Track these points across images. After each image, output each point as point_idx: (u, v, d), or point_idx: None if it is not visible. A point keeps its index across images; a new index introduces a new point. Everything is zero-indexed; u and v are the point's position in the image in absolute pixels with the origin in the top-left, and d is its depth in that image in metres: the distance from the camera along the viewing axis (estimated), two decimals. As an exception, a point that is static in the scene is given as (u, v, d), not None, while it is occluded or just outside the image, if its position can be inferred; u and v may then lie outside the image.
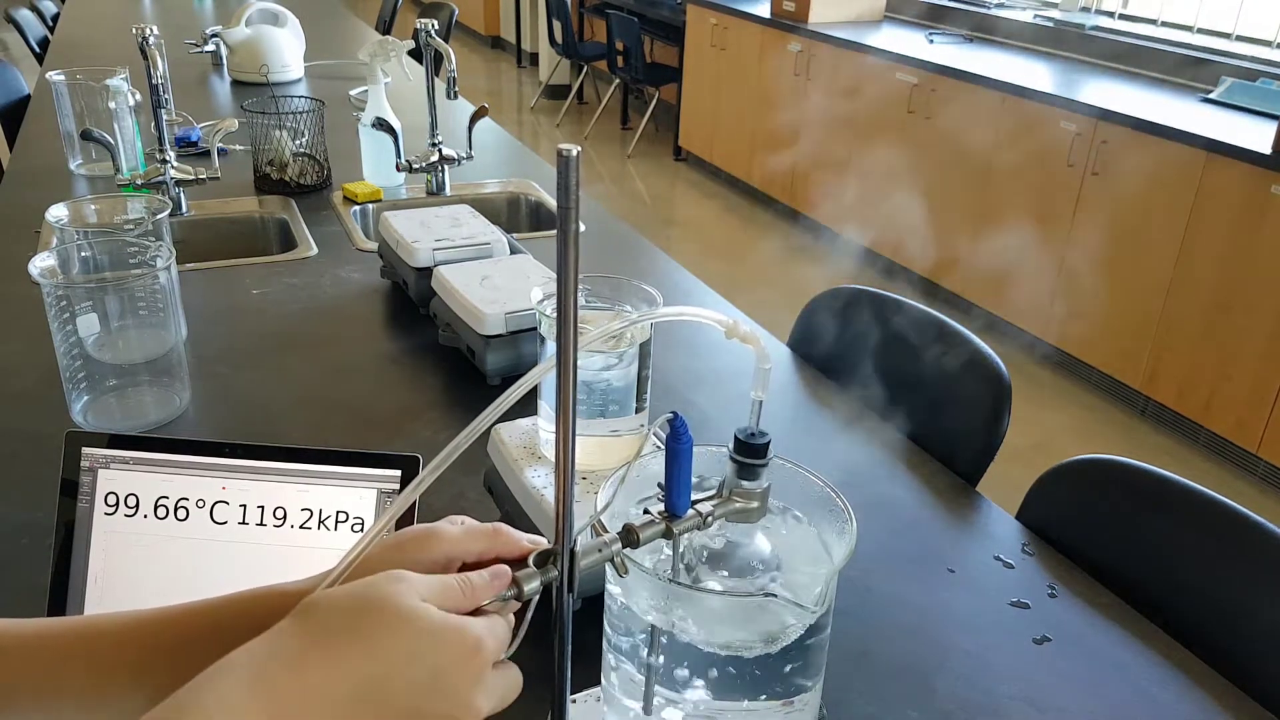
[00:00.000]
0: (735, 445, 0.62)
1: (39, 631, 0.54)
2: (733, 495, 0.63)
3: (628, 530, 0.59)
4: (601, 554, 0.58)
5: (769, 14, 4.58)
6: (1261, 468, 2.80)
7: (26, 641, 0.54)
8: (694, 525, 0.61)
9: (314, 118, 1.89)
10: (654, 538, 0.60)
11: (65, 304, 1.08)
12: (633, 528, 0.59)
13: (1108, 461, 1.05)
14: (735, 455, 0.62)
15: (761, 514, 0.63)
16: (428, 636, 0.47)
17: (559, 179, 0.47)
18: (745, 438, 0.61)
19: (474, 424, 0.52)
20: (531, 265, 1.36)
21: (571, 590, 0.55)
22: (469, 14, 8.31)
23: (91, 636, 0.54)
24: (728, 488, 0.63)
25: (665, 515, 0.60)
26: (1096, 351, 3.22)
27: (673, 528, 0.60)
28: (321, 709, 0.45)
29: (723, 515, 0.62)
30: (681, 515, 0.60)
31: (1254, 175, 2.65)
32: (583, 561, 0.56)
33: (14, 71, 2.85)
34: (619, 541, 0.58)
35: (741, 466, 0.62)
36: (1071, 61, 3.83)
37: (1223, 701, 0.84)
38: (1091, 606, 0.94)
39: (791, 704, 0.63)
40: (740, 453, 0.62)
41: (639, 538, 0.59)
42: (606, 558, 0.58)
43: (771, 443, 0.62)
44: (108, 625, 0.54)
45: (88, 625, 0.54)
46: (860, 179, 4.13)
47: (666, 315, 0.62)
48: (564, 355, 0.51)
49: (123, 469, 0.82)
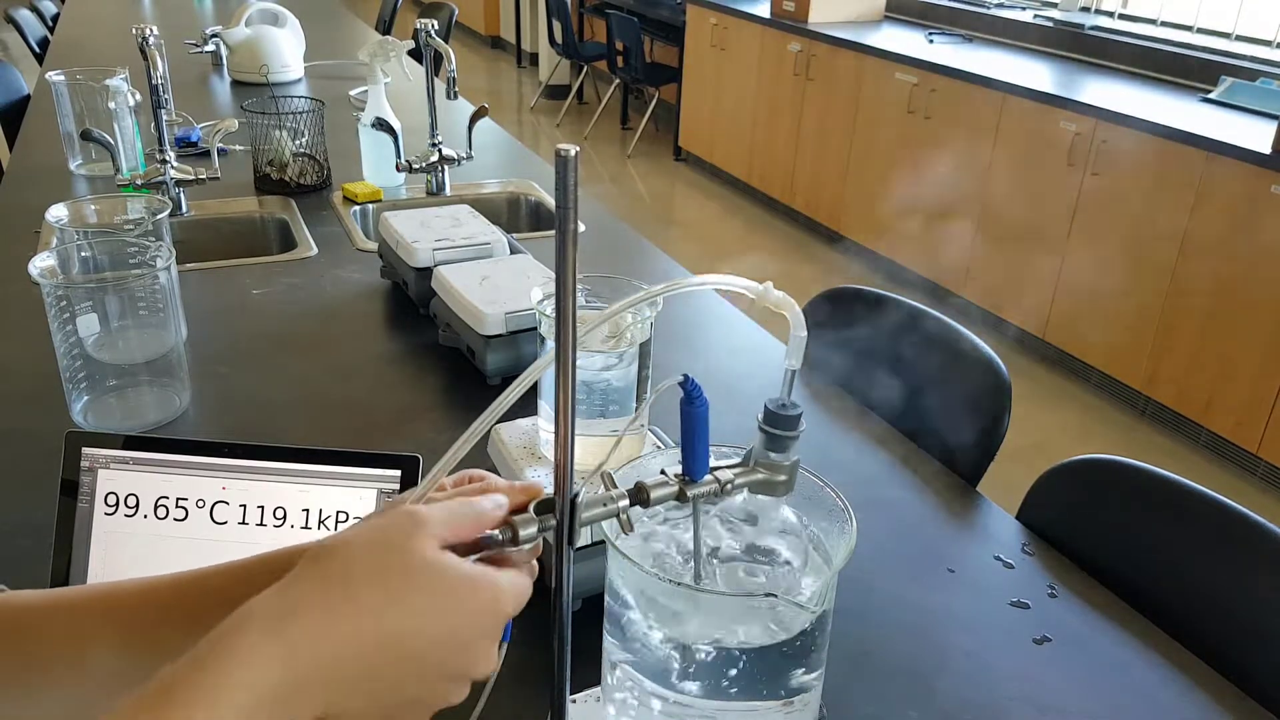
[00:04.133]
0: (764, 415, 0.59)
1: (60, 601, 0.54)
2: (758, 466, 0.60)
3: (638, 488, 0.56)
4: (606, 509, 0.55)
5: (769, 14, 4.57)
6: (1262, 468, 2.80)
7: (49, 611, 0.54)
8: (711, 491, 0.58)
9: (314, 118, 1.89)
10: (665, 499, 0.57)
11: (65, 304, 1.08)
12: (644, 486, 0.57)
13: (1108, 462, 1.05)
14: (764, 426, 0.59)
15: (788, 489, 0.61)
16: (452, 591, 0.47)
17: (557, 179, 0.47)
18: (776, 408, 0.59)
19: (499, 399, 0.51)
20: (531, 265, 1.36)
21: (571, 543, 0.53)
22: (469, 14, 8.31)
23: (112, 602, 0.53)
24: (755, 459, 0.60)
25: (681, 478, 0.58)
26: (1096, 351, 3.22)
27: (686, 491, 0.58)
28: (343, 660, 0.44)
29: (745, 485, 0.60)
30: (698, 480, 0.58)
31: (1254, 175, 2.65)
32: (585, 514, 0.54)
33: (14, 71, 2.85)
34: (627, 498, 0.56)
35: (770, 437, 0.59)
36: (1071, 61, 3.83)
37: (1223, 702, 0.84)
38: (1091, 606, 0.94)
39: (791, 704, 0.63)
40: (769, 423, 0.59)
41: (649, 497, 0.56)
42: (611, 513, 0.55)
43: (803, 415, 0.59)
44: (128, 589, 0.54)
45: (109, 591, 0.54)
46: (860, 179, 4.13)
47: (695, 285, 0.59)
48: (563, 355, 0.51)
49: (123, 469, 0.82)
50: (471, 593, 0.47)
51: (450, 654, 0.47)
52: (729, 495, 0.59)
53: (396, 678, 0.46)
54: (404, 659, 0.46)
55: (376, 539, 0.47)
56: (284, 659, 0.43)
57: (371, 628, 0.45)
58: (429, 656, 0.46)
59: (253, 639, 0.43)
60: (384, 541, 0.47)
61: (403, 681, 0.46)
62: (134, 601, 0.53)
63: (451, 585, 0.47)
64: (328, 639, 0.44)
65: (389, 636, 0.45)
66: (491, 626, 0.48)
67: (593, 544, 0.82)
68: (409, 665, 0.46)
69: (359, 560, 0.46)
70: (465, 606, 0.47)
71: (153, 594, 0.53)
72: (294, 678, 0.43)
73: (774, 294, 0.59)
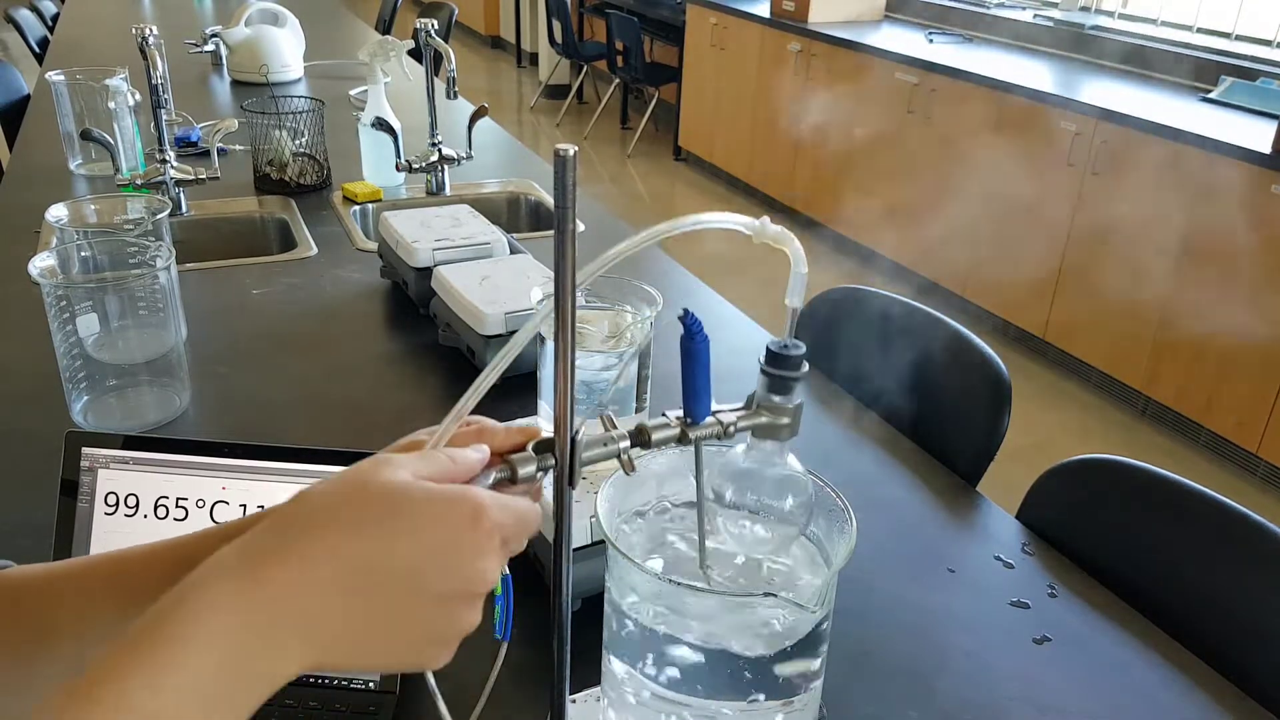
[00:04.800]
0: (767, 357, 0.58)
1: (69, 570, 0.54)
2: (761, 409, 0.58)
3: (639, 429, 0.55)
4: (607, 448, 0.54)
5: (769, 14, 4.57)
6: (1262, 468, 2.80)
7: (57, 581, 0.53)
8: (713, 434, 0.57)
9: (314, 118, 1.89)
10: (667, 441, 0.56)
11: (65, 304, 1.08)
12: (645, 427, 0.55)
13: (1108, 461, 1.05)
14: (766, 367, 0.58)
15: (792, 433, 0.59)
16: (423, 508, 0.44)
17: (556, 179, 0.47)
18: (778, 349, 0.57)
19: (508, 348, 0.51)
20: (531, 265, 1.36)
21: (573, 483, 0.52)
22: (469, 14, 8.31)
23: (118, 569, 0.53)
24: (757, 402, 0.58)
25: (682, 420, 0.57)
26: (1096, 351, 3.22)
27: (689, 433, 0.56)
28: (318, 599, 0.42)
29: (748, 428, 0.58)
30: (699, 422, 0.56)
31: (1254, 175, 2.65)
32: (585, 454, 0.52)
33: (13, 71, 2.85)
34: (628, 438, 0.54)
35: (773, 380, 0.57)
36: (1071, 61, 3.83)
37: (1223, 702, 0.84)
38: (1091, 606, 0.94)
39: (791, 704, 0.63)
40: (772, 364, 0.57)
41: (650, 438, 0.55)
42: (612, 453, 0.54)
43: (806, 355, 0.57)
44: (134, 555, 0.53)
45: (115, 558, 0.54)
46: (860, 179, 4.12)
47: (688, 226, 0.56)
48: (563, 355, 0.51)
49: (123, 469, 0.82)
50: (446, 508, 0.45)
51: (437, 574, 0.44)
52: (731, 438, 0.57)
53: (385, 608, 0.44)
54: (382, 587, 0.43)
55: (338, 481, 0.45)
56: (254, 603, 0.41)
57: (341, 558, 0.43)
58: (413, 579, 0.44)
59: (218, 586, 0.42)
60: (345, 482, 0.45)
61: (393, 611, 0.44)
62: (136, 568, 0.53)
63: (420, 504, 0.44)
64: (297, 578, 0.42)
65: (362, 564, 0.43)
66: (478, 542, 0.45)
67: (592, 544, 0.82)
68: (391, 593, 0.44)
69: (319, 502, 0.45)
70: (441, 522, 0.44)
71: (154, 559, 0.53)
72: (261, 624, 0.41)
73: (771, 228, 0.57)
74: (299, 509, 0.44)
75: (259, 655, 0.41)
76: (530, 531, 0.50)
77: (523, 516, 0.49)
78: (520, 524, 0.49)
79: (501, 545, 0.47)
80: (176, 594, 0.41)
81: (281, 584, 0.42)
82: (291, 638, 0.42)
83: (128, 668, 0.39)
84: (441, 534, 0.44)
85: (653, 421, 0.56)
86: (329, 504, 0.44)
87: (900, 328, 1.34)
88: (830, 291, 1.43)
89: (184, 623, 0.40)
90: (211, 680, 0.40)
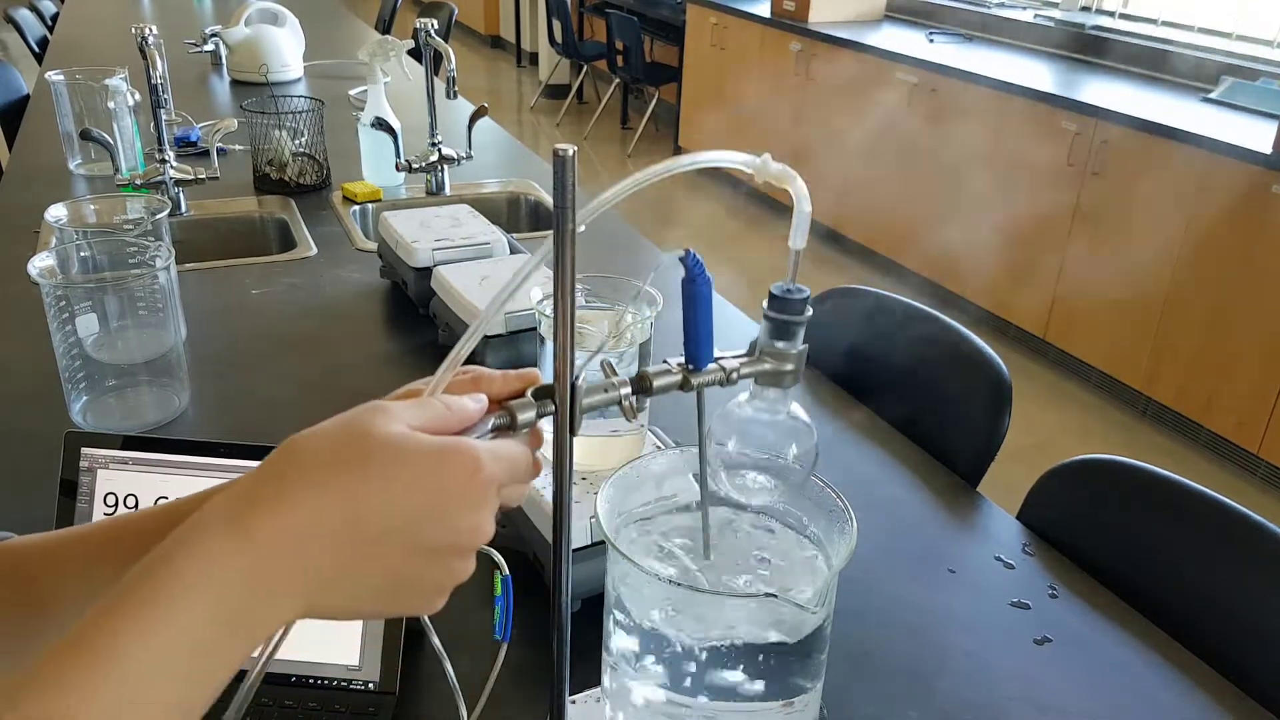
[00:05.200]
0: (770, 301, 0.56)
1: (67, 538, 0.54)
2: (764, 355, 0.57)
3: (641, 376, 0.54)
4: (608, 394, 0.52)
5: (769, 13, 4.57)
6: (1262, 468, 2.79)
7: (55, 548, 0.53)
8: (716, 380, 0.55)
9: (313, 117, 1.89)
10: (669, 388, 0.55)
11: (64, 304, 1.08)
12: (646, 374, 0.54)
13: (1108, 462, 1.05)
14: (770, 312, 0.56)
15: (795, 380, 0.58)
16: (419, 461, 0.44)
17: (555, 178, 0.47)
18: (781, 293, 0.56)
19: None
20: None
21: (574, 431, 0.51)
22: (468, 13, 8.31)
23: (116, 534, 0.53)
24: (760, 349, 0.57)
25: (684, 367, 0.55)
26: (1096, 351, 3.22)
27: (690, 379, 0.55)
28: (309, 549, 0.42)
29: (750, 375, 0.56)
30: (702, 369, 0.55)
31: (1254, 175, 2.65)
32: (586, 400, 0.51)
33: (13, 71, 2.85)
34: (629, 385, 0.53)
35: (776, 325, 0.56)
36: (1072, 61, 3.83)
37: (1223, 702, 0.83)
38: (1092, 607, 0.94)
39: (792, 704, 0.63)
40: (775, 309, 0.56)
41: (651, 384, 0.54)
42: (613, 400, 0.53)
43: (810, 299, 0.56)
44: (132, 519, 0.53)
45: (112, 524, 0.54)
46: (860, 178, 4.12)
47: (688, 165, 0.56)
48: (562, 355, 0.51)
49: (122, 469, 0.82)
50: (441, 460, 0.44)
51: (432, 527, 0.44)
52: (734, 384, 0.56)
53: (377, 559, 0.44)
54: (378, 538, 0.43)
55: (333, 429, 0.45)
56: (244, 552, 0.41)
57: (334, 509, 0.42)
58: (407, 532, 0.44)
59: (209, 537, 0.41)
60: (339, 431, 0.45)
61: (385, 563, 0.44)
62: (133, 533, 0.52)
63: (417, 456, 0.44)
64: (288, 527, 0.42)
65: (355, 515, 0.42)
66: (474, 494, 0.45)
67: (592, 544, 0.81)
68: (386, 544, 0.43)
69: (315, 449, 0.44)
70: (438, 474, 0.44)
71: (151, 522, 0.52)
72: (258, 569, 0.41)
73: (773, 165, 0.56)
74: (290, 458, 0.44)
75: (250, 604, 0.41)
76: (525, 479, 0.49)
77: (517, 464, 0.48)
78: (515, 472, 0.48)
79: (497, 494, 0.47)
80: (168, 544, 0.41)
81: (272, 533, 0.41)
82: (283, 587, 0.42)
83: (119, 617, 0.39)
84: (436, 487, 0.44)
85: (654, 368, 0.55)
86: (322, 454, 0.44)
87: (900, 328, 1.34)
88: (830, 291, 1.43)
89: (175, 572, 0.40)
90: (202, 629, 0.40)
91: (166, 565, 0.41)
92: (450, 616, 0.72)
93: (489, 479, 0.45)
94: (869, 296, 1.39)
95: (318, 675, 0.78)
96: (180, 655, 0.39)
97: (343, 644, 0.78)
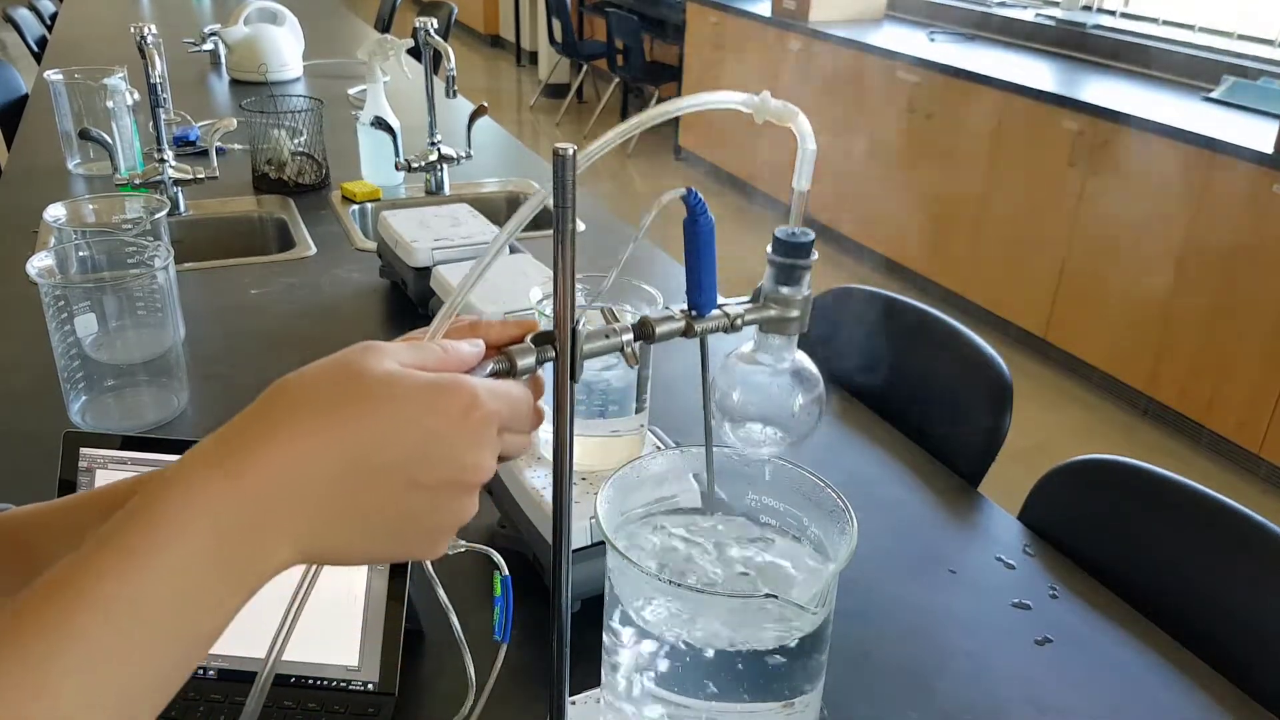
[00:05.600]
0: (774, 245, 0.55)
1: (62, 506, 0.54)
2: (769, 302, 0.55)
3: (643, 322, 0.53)
4: (609, 340, 0.51)
5: (769, 13, 4.57)
6: (1264, 468, 2.79)
7: (50, 518, 0.53)
8: (720, 326, 0.54)
9: (312, 117, 1.89)
10: (671, 335, 0.53)
11: (63, 304, 1.07)
12: (648, 320, 0.53)
13: (1109, 462, 1.05)
14: (774, 256, 0.54)
15: (801, 327, 0.56)
16: (414, 396, 0.43)
17: (555, 178, 0.47)
18: (786, 237, 0.54)
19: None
20: (531, 265, 1.35)
21: (574, 378, 0.50)
22: (468, 13, 8.31)
23: (110, 501, 0.52)
24: (765, 295, 0.56)
25: (686, 313, 0.54)
26: (1097, 351, 3.21)
27: (694, 325, 0.53)
28: (302, 488, 0.41)
29: (755, 321, 0.55)
30: (705, 314, 0.54)
31: (1255, 174, 2.64)
32: (587, 346, 0.50)
33: (12, 71, 2.85)
34: (630, 331, 0.52)
35: (781, 269, 0.55)
36: (1073, 60, 3.83)
37: (1224, 702, 0.83)
38: (1093, 607, 0.93)
39: (792, 705, 0.63)
40: (780, 253, 0.54)
41: (654, 331, 0.53)
42: (614, 346, 0.51)
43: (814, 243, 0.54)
44: (125, 485, 0.52)
45: (107, 490, 0.53)
46: (860, 177, 4.12)
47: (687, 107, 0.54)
48: (562, 355, 0.51)
49: (121, 469, 0.81)
50: (437, 394, 0.43)
51: (430, 465, 0.43)
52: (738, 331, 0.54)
53: (374, 498, 0.42)
54: (374, 475, 0.42)
55: (323, 368, 0.44)
56: (234, 491, 0.39)
57: (327, 447, 0.41)
58: (404, 468, 0.42)
59: (196, 478, 0.40)
60: (331, 369, 0.43)
61: (383, 501, 0.43)
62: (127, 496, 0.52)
63: (412, 391, 0.43)
64: (279, 466, 0.40)
65: (349, 452, 0.41)
66: (472, 429, 0.44)
67: (592, 544, 0.81)
68: (383, 481, 0.42)
69: (306, 388, 0.43)
70: (436, 410, 0.43)
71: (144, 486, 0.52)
72: (249, 509, 0.39)
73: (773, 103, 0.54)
74: (281, 397, 0.42)
75: (242, 546, 0.40)
76: (526, 425, 0.48)
77: (517, 406, 0.47)
78: (515, 410, 0.47)
79: (498, 434, 0.46)
80: (154, 487, 0.40)
81: (263, 471, 0.40)
82: (276, 528, 0.40)
83: (105, 556, 0.37)
84: (433, 424, 0.43)
85: (656, 314, 0.54)
86: (313, 392, 0.42)
87: (901, 327, 1.34)
88: (830, 291, 1.43)
89: (163, 513, 0.39)
90: (191, 570, 0.38)
91: (152, 508, 0.39)
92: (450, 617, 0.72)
93: (487, 415, 0.44)
94: (868, 295, 1.39)
95: (317, 676, 0.78)
96: (167, 601, 0.38)
97: (342, 644, 0.78)
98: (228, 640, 0.41)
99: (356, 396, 0.42)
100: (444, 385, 0.44)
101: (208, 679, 0.78)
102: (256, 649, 0.77)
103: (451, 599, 0.71)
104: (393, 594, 0.79)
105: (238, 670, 0.78)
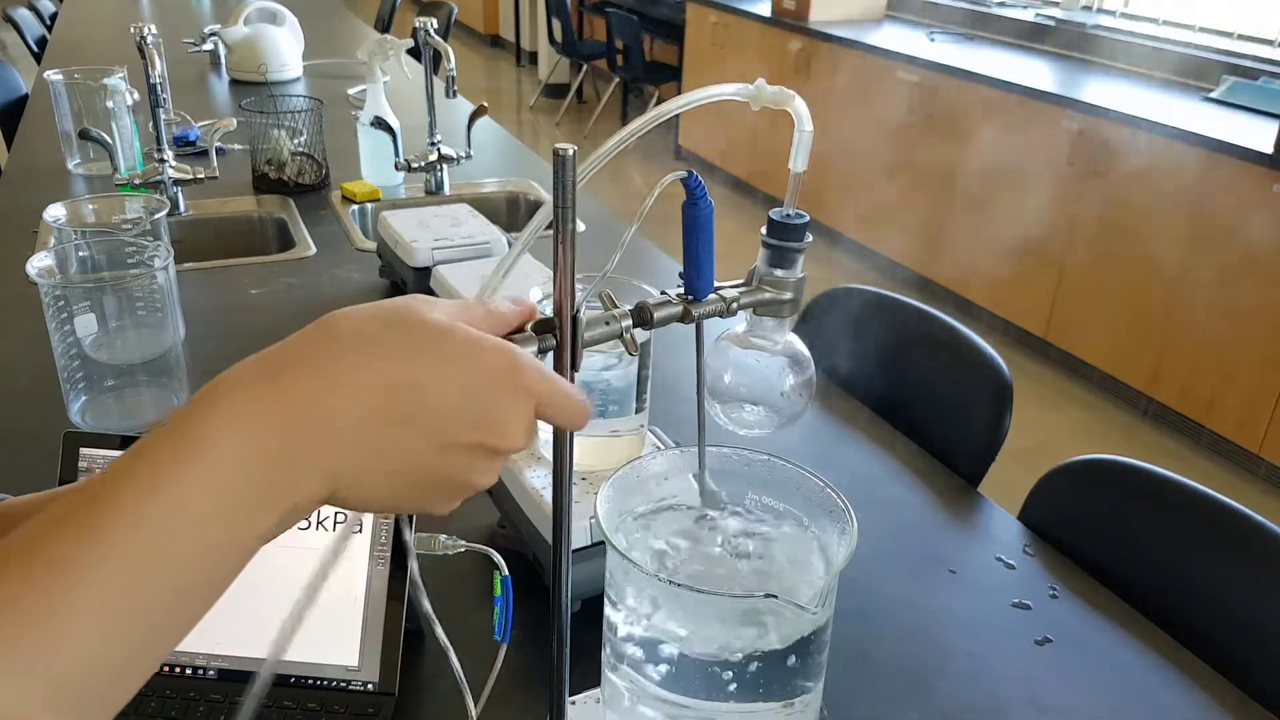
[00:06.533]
0: (769, 227, 0.54)
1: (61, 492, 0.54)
2: (763, 284, 0.55)
3: (641, 308, 0.53)
4: (609, 327, 0.51)
5: (769, 12, 4.57)
6: (1264, 469, 2.79)
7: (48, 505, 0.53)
8: (716, 311, 0.54)
9: (312, 117, 1.89)
10: (669, 320, 0.53)
11: (63, 304, 1.07)
12: (646, 305, 0.53)
13: (1109, 462, 1.05)
14: (768, 238, 0.54)
15: (794, 309, 0.56)
16: (460, 348, 0.42)
17: (555, 178, 0.47)
18: (781, 218, 0.54)
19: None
20: (531, 265, 1.35)
21: (575, 367, 0.50)
22: (468, 13, 8.31)
23: None
24: (759, 277, 0.55)
25: (684, 297, 0.54)
26: (1097, 351, 3.21)
27: (691, 310, 0.53)
28: (339, 423, 0.40)
29: (750, 305, 0.55)
30: (702, 298, 0.53)
31: (1255, 174, 2.64)
32: (587, 334, 0.50)
33: (12, 71, 2.85)
34: (630, 317, 0.52)
35: (775, 251, 0.54)
36: (1073, 60, 3.83)
37: (1224, 702, 0.83)
38: (1093, 607, 0.93)
39: (792, 705, 0.63)
40: (774, 234, 0.54)
41: (652, 316, 0.53)
42: (614, 333, 0.51)
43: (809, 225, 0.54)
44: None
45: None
46: (860, 177, 4.12)
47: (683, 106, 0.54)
48: (562, 355, 0.51)
49: (119, 470, 0.81)
50: (482, 353, 0.43)
51: (468, 419, 0.42)
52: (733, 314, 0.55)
53: (409, 441, 0.42)
54: (413, 418, 0.41)
55: (373, 309, 0.43)
56: (278, 409, 0.39)
57: (372, 382, 0.40)
58: (443, 420, 0.42)
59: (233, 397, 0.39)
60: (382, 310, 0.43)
61: (417, 447, 0.42)
62: None
63: (461, 345, 0.43)
64: (323, 391, 0.40)
65: (392, 391, 0.41)
66: (512, 395, 0.43)
67: (592, 544, 0.81)
68: (421, 427, 0.42)
69: (353, 327, 0.42)
70: (479, 367, 0.43)
71: None
72: (291, 431, 0.39)
73: (769, 89, 0.54)
74: (328, 334, 0.42)
75: (278, 469, 0.39)
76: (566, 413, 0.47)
77: (559, 389, 0.46)
78: (556, 395, 0.46)
79: (534, 410, 0.45)
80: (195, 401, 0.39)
81: (307, 393, 0.40)
82: (313, 455, 0.40)
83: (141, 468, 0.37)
84: (477, 380, 0.43)
85: (654, 299, 0.54)
86: (364, 331, 0.42)
87: (901, 327, 1.34)
88: (830, 291, 1.43)
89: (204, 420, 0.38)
90: (229, 487, 0.38)
91: (194, 418, 0.38)
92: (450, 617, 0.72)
93: (530, 385, 0.44)
94: (868, 296, 1.39)
95: (317, 676, 0.78)
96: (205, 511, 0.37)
97: (342, 644, 0.78)
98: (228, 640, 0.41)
99: (404, 338, 0.42)
100: (493, 345, 0.44)
101: (208, 679, 0.78)
102: (256, 649, 0.78)
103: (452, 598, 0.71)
104: (393, 594, 0.79)
105: (238, 670, 0.78)
